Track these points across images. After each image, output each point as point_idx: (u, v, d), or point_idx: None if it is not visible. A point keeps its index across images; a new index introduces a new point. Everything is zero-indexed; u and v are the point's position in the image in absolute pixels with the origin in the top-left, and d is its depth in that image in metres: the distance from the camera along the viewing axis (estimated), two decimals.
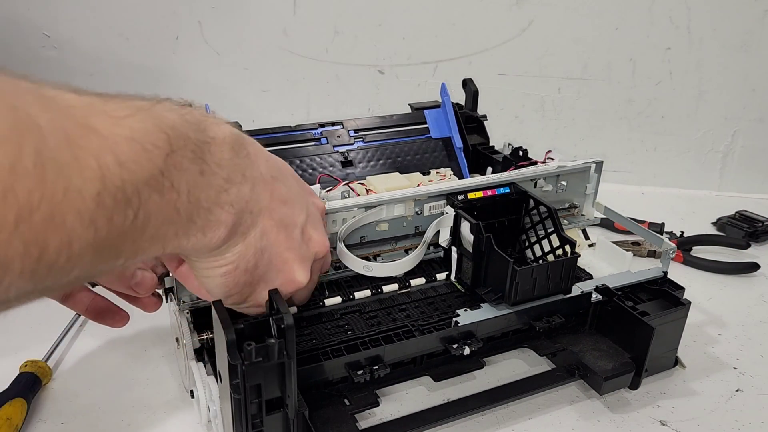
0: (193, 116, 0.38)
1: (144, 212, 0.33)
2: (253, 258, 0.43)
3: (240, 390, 0.43)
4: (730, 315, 0.76)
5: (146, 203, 0.33)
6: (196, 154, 0.37)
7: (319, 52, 1.10)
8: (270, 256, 0.44)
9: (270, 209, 0.43)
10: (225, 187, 0.39)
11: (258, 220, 0.42)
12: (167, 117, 0.35)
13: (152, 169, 0.33)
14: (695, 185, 1.12)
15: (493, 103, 0.96)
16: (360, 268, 0.59)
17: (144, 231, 0.33)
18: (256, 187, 0.42)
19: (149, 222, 0.33)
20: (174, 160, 0.34)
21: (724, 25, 1.02)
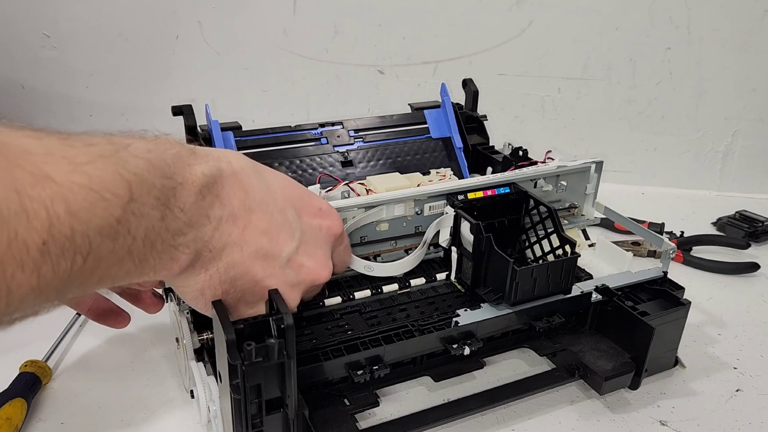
0: (163, 159, 0.37)
1: (94, 257, 0.33)
2: (221, 287, 0.44)
3: (240, 390, 0.43)
4: (730, 315, 0.76)
5: (97, 249, 0.33)
6: (160, 200, 0.37)
7: (319, 52, 1.10)
8: (244, 284, 0.44)
9: (241, 243, 0.43)
10: (184, 230, 0.39)
11: (222, 254, 0.42)
12: (132, 163, 0.35)
13: (107, 217, 0.33)
14: (695, 185, 1.12)
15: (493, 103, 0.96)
16: (361, 268, 0.59)
17: (92, 273, 0.34)
18: (223, 225, 0.42)
19: (98, 265, 0.34)
20: (133, 208, 0.34)
21: (724, 25, 1.02)
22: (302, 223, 0.47)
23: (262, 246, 0.44)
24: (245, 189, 0.43)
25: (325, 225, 0.49)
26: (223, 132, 0.65)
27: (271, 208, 0.44)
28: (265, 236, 0.44)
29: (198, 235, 0.40)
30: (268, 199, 0.44)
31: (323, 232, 0.49)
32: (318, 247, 0.48)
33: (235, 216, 0.42)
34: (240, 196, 0.42)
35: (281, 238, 0.45)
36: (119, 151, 0.35)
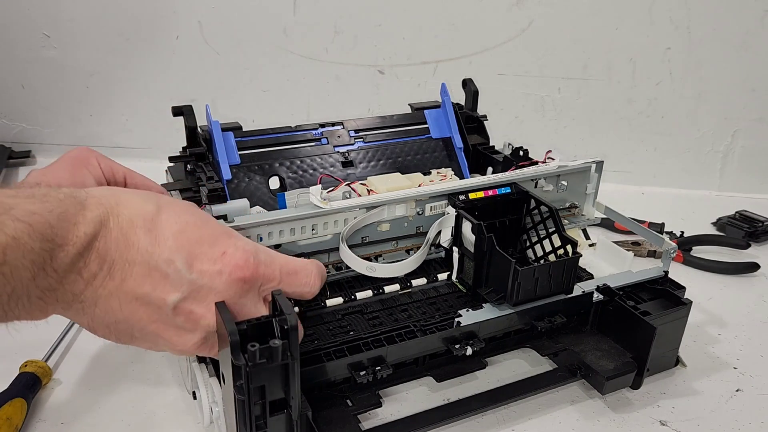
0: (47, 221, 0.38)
1: None
2: (106, 329, 0.44)
3: (244, 391, 0.43)
4: (730, 315, 0.76)
5: None
6: (35, 263, 0.37)
7: (319, 52, 1.10)
8: (129, 326, 0.44)
9: (118, 293, 0.43)
10: (54, 287, 0.40)
11: (97, 304, 0.42)
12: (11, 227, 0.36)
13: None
14: (695, 185, 1.12)
15: (493, 103, 0.96)
16: (363, 269, 0.59)
17: None
18: (96, 281, 0.42)
19: None
20: (3, 270, 0.36)
21: (724, 25, 1.02)
22: (194, 271, 0.44)
23: (143, 294, 0.43)
24: (128, 243, 0.42)
25: (226, 270, 0.46)
26: (224, 132, 0.65)
27: (153, 259, 0.43)
28: (147, 286, 0.43)
29: (69, 290, 0.41)
30: (152, 250, 0.43)
31: (222, 278, 0.45)
32: (212, 292, 0.45)
33: (114, 270, 0.42)
34: (121, 249, 0.42)
35: (165, 289, 0.44)
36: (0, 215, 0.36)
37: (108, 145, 1.14)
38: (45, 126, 1.15)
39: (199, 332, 0.46)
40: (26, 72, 1.10)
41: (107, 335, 0.45)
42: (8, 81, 1.11)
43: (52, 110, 1.13)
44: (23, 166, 1.13)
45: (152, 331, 0.45)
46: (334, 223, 0.59)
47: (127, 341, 0.46)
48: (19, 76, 1.11)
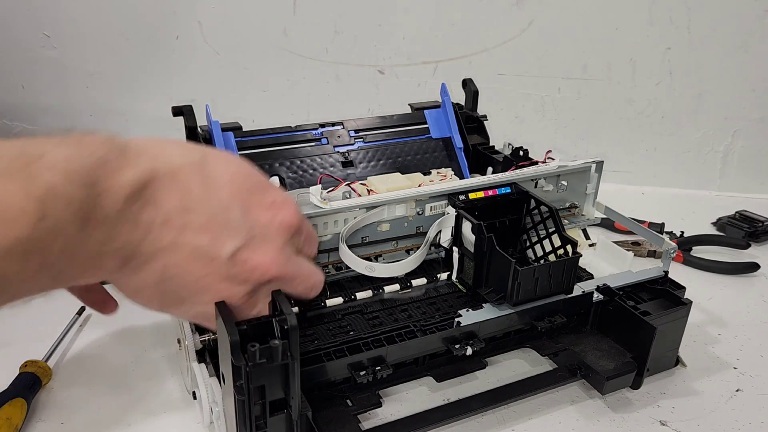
0: (84, 167, 0.35)
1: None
2: (156, 288, 0.42)
3: (244, 391, 0.43)
4: (730, 315, 0.76)
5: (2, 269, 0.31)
6: (78, 214, 0.34)
7: (319, 52, 1.09)
8: (180, 283, 0.42)
9: (177, 244, 0.40)
10: (109, 240, 0.37)
11: (156, 256, 0.40)
12: (44, 177, 0.33)
13: (13, 240, 0.31)
14: (695, 185, 1.12)
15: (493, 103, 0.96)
16: (362, 269, 0.59)
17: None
18: (155, 229, 0.39)
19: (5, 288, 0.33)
20: (46, 225, 0.32)
21: (724, 25, 1.02)
22: (249, 219, 0.44)
23: (200, 246, 0.41)
24: (182, 189, 0.40)
25: (277, 219, 0.46)
26: (224, 132, 0.65)
27: (211, 207, 0.42)
28: (205, 235, 0.41)
29: (126, 243, 0.38)
30: (209, 197, 0.42)
31: (275, 226, 0.45)
32: (268, 241, 0.45)
33: (170, 218, 0.40)
34: (176, 197, 0.40)
35: (222, 238, 0.42)
36: (30, 165, 0.33)
37: None
38: (45, 126, 1.14)
39: (249, 284, 0.44)
40: (26, 72, 1.10)
41: (151, 299, 0.43)
42: (8, 81, 1.11)
43: (52, 110, 1.13)
44: None
45: (202, 287, 0.43)
46: (334, 223, 0.59)
47: (169, 305, 0.44)
48: (19, 76, 1.11)
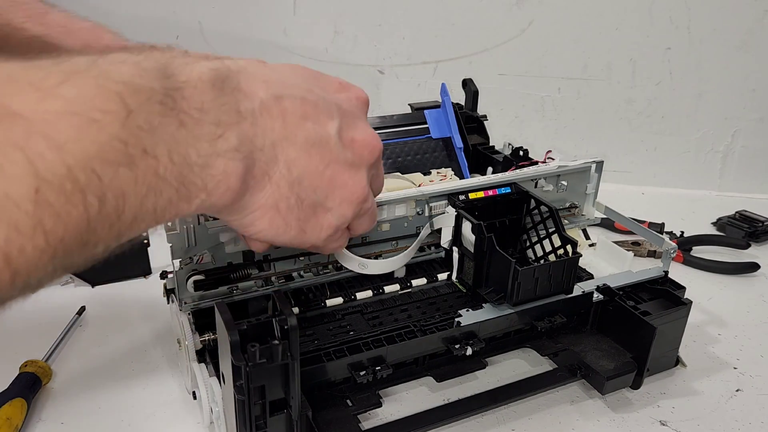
0: (154, 61, 0.32)
1: (113, 194, 0.28)
2: (292, 193, 0.39)
3: (244, 391, 0.43)
4: (730, 315, 0.76)
5: (112, 182, 0.28)
6: (167, 105, 0.31)
7: (319, 52, 1.10)
8: (311, 182, 0.39)
9: (287, 135, 0.38)
10: (218, 132, 0.33)
11: (277, 153, 0.37)
12: (116, 71, 0.29)
13: (106, 141, 0.27)
14: (695, 185, 1.12)
15: (493, 103, 0.96)
16: (356, 267, 0.59)
17: (121, 214, 0.29)
18: (260, 119, 0.36)
19: (125, 202, 0.29)
20: (137, 122, 0.29)
21: (724, 25, 1.02)
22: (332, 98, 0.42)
23: (309, 133, 0.39)
24: (264, 79, 0.38)
25: (352, 95, 0.44)
26: None
27: (299, 91, 0.39)
28: (308, 121, 0.39)
29: (239, 135, 0.34)
30: (290, 82, 0.39)
31: (353, 102, 0.44)
32: (357, 117, 0.43)
33: (268, 106, 0.37)
34: (261, 86, 0.37)
35: (322, 119, 0.40)
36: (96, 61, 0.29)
37: None
38: None
39: (364, 167, 0.43)
40: None
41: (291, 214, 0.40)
42: None
43: None
44: None
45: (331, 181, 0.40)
46: None
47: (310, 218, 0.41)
48: None
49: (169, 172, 0.31)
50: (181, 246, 0.51)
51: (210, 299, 0.54)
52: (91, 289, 0.77)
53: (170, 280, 0.54)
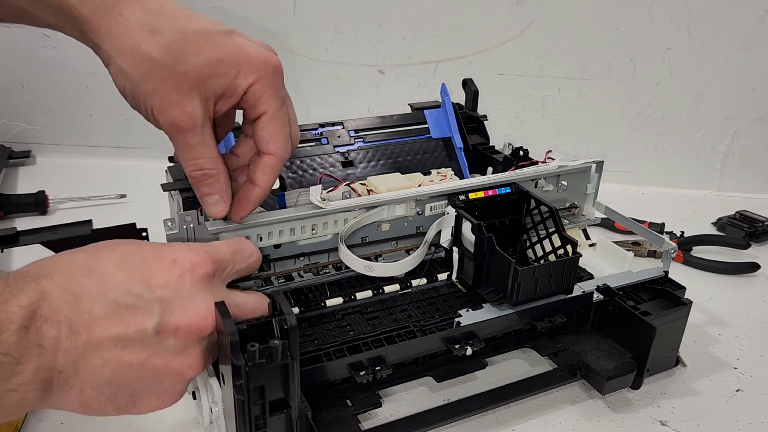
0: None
1: None
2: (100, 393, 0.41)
3: (244, 391, 0.43)
4: (730, 315, 0.76)
5: None
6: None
7: (319, 52, 1.09)
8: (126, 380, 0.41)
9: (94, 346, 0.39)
10: (18, 371, 0.36)
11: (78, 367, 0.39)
12: None
13: None
14: (695, 185, 1.12)
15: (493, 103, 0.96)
16: (361, 269, 0.59)
17: None
18: (63, 343, 0.38)
19: None
20: None
21: (724, 25, 1.02)
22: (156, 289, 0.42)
23: (120, 335, 0.40)
24: (75, 294, 0.39)
25: (186, 272, 0.44)
26: None
27: (113, 296, 0.40)
28: (119, 326, 0.40)
29: (38, 367, 0.37)
30: (105, 289, 0.41)
31: (187, 280, 0.44)
32: (188, 299, 0.43)
33: (74, 326, 0.39)
34: (72, 304, 0.39)
35: (138, 319, 0.41)
36: None
37: (108, 145, 1.14)
38: (45, 126, 1.14)
39: (196, 344, 0.44)
40: (26, 72, 1.10)
41: (104, 406, 0.42)
42: (8, 81, 1.11)
43: (52, 110, 1.13)
44: (23, 166, 1.13)
45: (151, 371, 0.42)
46: (333, 223, 0.59)
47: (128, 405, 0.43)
48: (19, 76, 1.11)
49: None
50: None
51: None
52: None
53: None
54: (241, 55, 0.44)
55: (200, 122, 0.44)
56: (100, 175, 1.07)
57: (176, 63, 0.42)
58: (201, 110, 0.44)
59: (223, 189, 0.49)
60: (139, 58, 0.42)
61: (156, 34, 0.41)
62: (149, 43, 0.41)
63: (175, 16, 0.42)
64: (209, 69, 0.43)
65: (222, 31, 0.44)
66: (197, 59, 0.42)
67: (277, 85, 0.46)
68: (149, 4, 0.41)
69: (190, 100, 0.43)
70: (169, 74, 0.42)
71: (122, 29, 0.41)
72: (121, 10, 0.41)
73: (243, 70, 0.44)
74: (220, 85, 0.44)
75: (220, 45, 0.43)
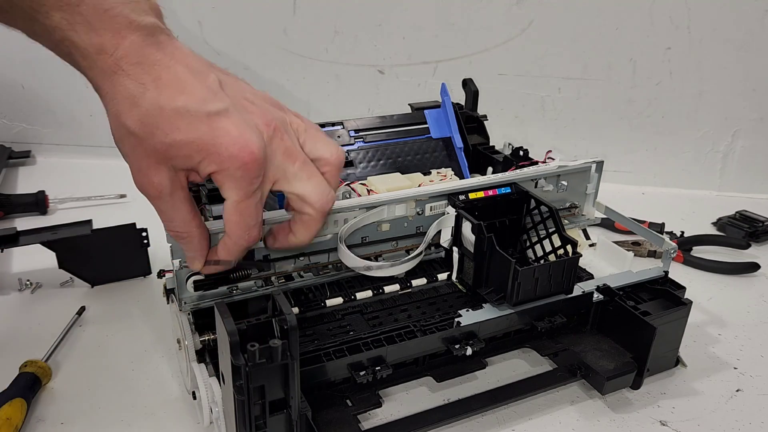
0: None
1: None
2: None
3: (244, 391, 0.43)
4: (730, 315, 0.76)
5: None
6: None
7: (319, 52, 1.10)
8: None
9: None
10: None
11: None
12: None
13: None
14: (695, 185, 1.12)
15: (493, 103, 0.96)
16: (361, 269, 0.59)
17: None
18: None
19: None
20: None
21: (724, 25, 1.02)
22: None
23: None
24: None
25: None
26: None
27: None
28: None
29: None
30: None
31: None
32: None
33: None
34: None
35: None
36: None
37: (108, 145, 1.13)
38: (45, 126, 1.15)
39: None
40: (26, 72, 1.10)
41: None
42: (8, 81, 1.11)
43: (52, 110, 1.13)
44: (23, 166, 1.13)
45: None
46: (334, 222, 0.59)
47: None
48: (19, 76, 1.11)
49: None
50: None
51: (210, 299, 0.54)
52: (91, 289, 0.77)
53: (170, 280, 0.54)
54: (211, 143, 0.43)
55: (167, 191, 0.45)
56: (100, 175, 1.08)
57: (146, 137, 0.43)
58: (168, 181, 0.44)
59: (197, 249, 0.49)
60: (118, 124, 0.43)
61: (136, 107, 0.42)
62: (127, 114, 0.42)
63: (165, 87, 0.43)
64: (175, 150, 0.43)
65: (206, 112, 0.43)
66: (166, 138, 0.43)
67: (241, 180, 0.45)
68: (145, 75, 0.42)
69: (157, 172, 0.44)
70: (140, 145, 0.43)
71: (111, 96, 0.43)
72: (118, 78, 0.42)
73: (206, 159, 0.44)
74: (185, 164, 0.44)
75: (194, 129, 0.43)
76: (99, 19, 0.40)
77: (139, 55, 0.42)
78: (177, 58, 0.44)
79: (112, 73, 0.42)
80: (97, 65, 0.41)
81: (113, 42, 0.41)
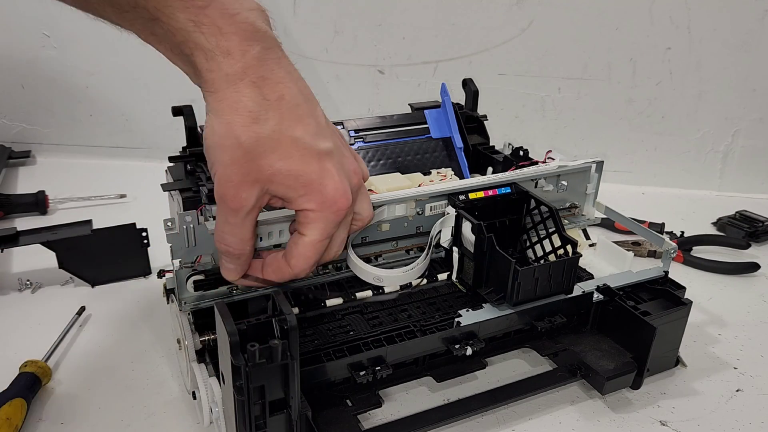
0: None
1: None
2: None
3: (243, 391, 0.43)
4: (730, 315, 0.76)
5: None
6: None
7: (319, 52, 1.10)
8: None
9: None
10: None
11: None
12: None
13: None
14: (695, 185, 1.12)
15: (493, 103, 0.96)
16: (371, 279, 0.59)
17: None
18: None
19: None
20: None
21: (724, 25, 1.02)
22: None
23: None
24: None
25: None
26: None
27: None
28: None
29: None
30: None
31: None
32: None
33: None
34: None
35: None
36: None
37: (108, 145, 1.14)
38: (45, 126, 1.15)
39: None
40: (26, 72, 1.10)
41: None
42: (8, 81, 1.11)
43: (52, 110, 1.13)
44: (23, 166, 1.13)
45: None
46: None
47: None
48: (19, 76, 1.11)
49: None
50: (181, 246, 0.51)
51: (210, 299, 0.54)
52: (91, 289, 0.77)
53: (170, 280, 0.54)
54: (318, 182, 0.44)
55: (248, 209, 0.44)
56: (100, 175, 1.08)
57: (257, 156, 0.42)
58: (254, 200, 0.44)
59: (241, 265, 0.49)
60: (228, 132, 0.42)
61: (257, 124, 0.42)
62: (246, 127, 0.42)
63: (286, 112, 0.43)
64: (281, 177, 0.43)
65: (317, 150, 0.44)
66: (277, 164, 0.43)
67: (330, 223, 0.46)
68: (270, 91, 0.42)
69: (250, 189, 0.43)
70: (245, 159, 0.42)
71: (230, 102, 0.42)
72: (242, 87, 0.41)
73: (307, 195, 0.44)
74: (282, 192, 0.44)
75: (306, 163, 0.43)
76: (227, 23, 0.40)
77: (264, 68, 0.42)
78: (294, 78, 0.44)
79: (238, 80, 0.41)
80: (222, 68, 0.41)
81: (241, 48, 0.41)
